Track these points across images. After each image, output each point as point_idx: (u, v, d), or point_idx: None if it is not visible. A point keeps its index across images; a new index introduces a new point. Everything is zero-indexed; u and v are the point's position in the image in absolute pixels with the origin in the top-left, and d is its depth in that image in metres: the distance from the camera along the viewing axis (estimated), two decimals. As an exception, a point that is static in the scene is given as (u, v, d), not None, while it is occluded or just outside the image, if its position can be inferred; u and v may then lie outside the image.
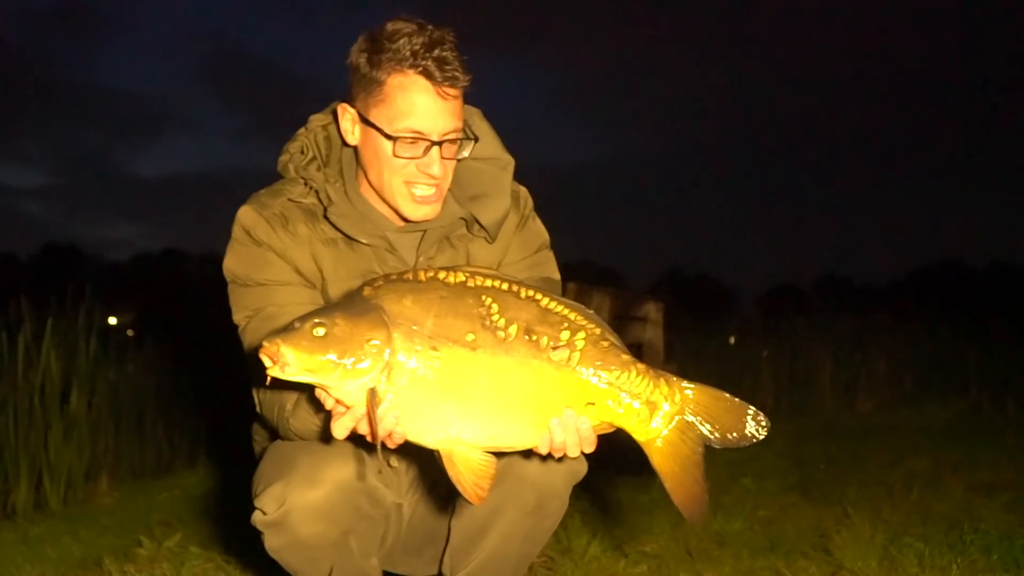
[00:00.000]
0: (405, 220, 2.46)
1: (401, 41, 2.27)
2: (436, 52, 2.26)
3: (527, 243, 2.62)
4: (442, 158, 2.34)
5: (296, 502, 2.30)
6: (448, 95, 2.30)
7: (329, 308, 2.02)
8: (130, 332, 9.61)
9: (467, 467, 1.98)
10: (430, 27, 2.29)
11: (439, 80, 2.27)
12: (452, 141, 2.36)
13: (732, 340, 11.92)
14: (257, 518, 2.35)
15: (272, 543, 2.36)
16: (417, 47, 2.26)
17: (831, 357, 10.48)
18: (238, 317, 2.45)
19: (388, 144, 2.32)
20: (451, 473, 1.98)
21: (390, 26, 2.30)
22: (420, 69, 2.26)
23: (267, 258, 2.41)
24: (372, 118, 2.33)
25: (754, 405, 2.08)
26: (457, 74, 2.28)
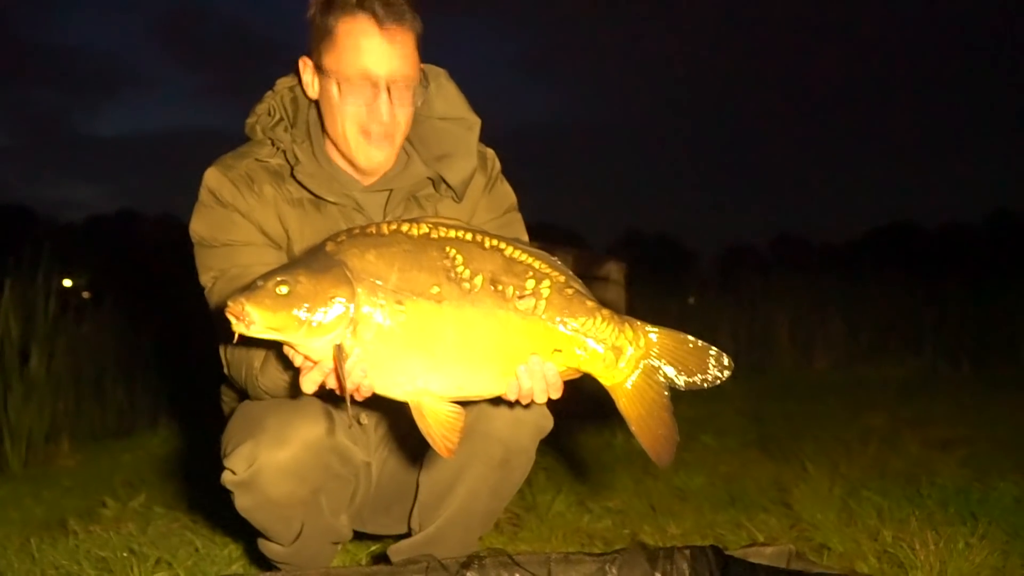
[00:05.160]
0: (361, 171, 2.47)
1: None
2: None
3: (495, 204, 2.63)
4: (391, 102, 2.35)
5: (266, 461, 2.31)
6: (395, 39, 2.32)
7: (292, 265, 2.02)
8: (86, 294, 9.52)
9: (436, 419, 2.00)
10: None
11: (383, 20, 2.30)
12: (402, 87, 2.37)
13: (691, 300, 12.02)
14: (227, 478, 2.36)
15: (242, 503, 2.37)
16: None
17: (789, 316, 10.59)
18: (204, 278, 2.45)
19: (338, 88, 2.34)
20: (420, 425, 2.00)
21: None
22: (366, 10, 2.29)
23: (232, 219, 2.42)
24: (325, 65, 2.35)
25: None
26: (402, 15, 2.31)
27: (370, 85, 2.33)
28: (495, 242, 2.04)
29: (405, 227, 2.03)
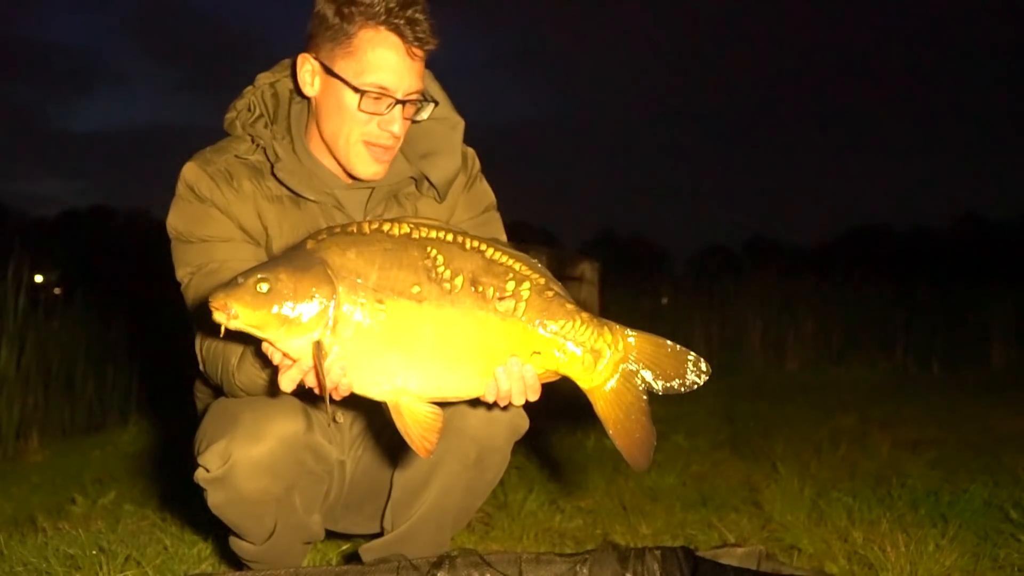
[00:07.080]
0: (353, 177, 2.47)
1: None
2: (409, 12, 2.28)
3: (474, 204, 2.63)
4: (403, 117, 2.37)
5: (240, 458, 2.30)
6: (416, 55, 2.33)
7: (272, 263, 2.01)
8: (57, 290, 9.46)
9: (414, 419, 1.99)
10: None
11: (410, 40, 2.30)
12: (414, 102, 2.39)
13: (664, 300, 12.06)
14: (200, 475, 2.34)
15: (215, 500, 2.35)
16: (392, 4, 2.28)
17: (760, 317, 10.65)
18: (181, 274, 2.43)
19: (353, 97, 2.33)
20: (398, 425, 1.99)
21: None
22: (392, 27, 2.28)
23: (210, 214, 2.40)
24: (337, 70, 2.33)
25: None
26: (427, 36, 2.32)
27: (386, 101, 2.34)
28: (476, 243, 2.04)
29: (386, 226, 2.02)
